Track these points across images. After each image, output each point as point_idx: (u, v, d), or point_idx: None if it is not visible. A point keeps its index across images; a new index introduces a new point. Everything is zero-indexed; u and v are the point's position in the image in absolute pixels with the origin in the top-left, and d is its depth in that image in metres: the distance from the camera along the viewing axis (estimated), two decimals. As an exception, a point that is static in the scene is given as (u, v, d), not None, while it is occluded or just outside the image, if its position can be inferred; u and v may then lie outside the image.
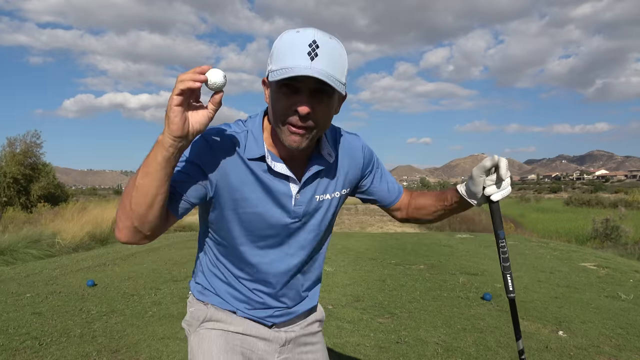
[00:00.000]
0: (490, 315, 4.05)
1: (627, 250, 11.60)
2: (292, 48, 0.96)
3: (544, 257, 7.41)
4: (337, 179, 1.21)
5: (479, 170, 1.15)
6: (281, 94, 0.99)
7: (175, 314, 4.06)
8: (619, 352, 3.22)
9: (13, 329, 3.63)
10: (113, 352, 3.20)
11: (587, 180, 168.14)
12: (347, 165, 1.24)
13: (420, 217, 1.36)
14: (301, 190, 1.14)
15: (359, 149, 1.27)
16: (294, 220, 1.15)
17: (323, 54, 0.95)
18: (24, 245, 7.93)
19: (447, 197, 1.28)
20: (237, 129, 1.11)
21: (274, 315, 1.24)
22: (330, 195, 1.21)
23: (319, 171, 1.16)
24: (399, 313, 4.17)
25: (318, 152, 1.16)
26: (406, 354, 3.18)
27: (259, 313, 1.23)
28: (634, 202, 32.76)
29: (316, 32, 0.97)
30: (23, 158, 20.81)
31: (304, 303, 1.30)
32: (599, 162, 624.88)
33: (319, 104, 1.00)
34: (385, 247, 8.52)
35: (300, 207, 1.14)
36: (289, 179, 1.12)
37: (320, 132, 1.06)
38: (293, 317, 1.28)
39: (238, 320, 1.22)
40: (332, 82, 0.95)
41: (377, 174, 1.34)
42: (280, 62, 0.97)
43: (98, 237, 9.94)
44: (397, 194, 1.37)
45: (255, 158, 1.08)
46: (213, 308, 1.22)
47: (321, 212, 1.20)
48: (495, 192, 1.15)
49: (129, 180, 0.98)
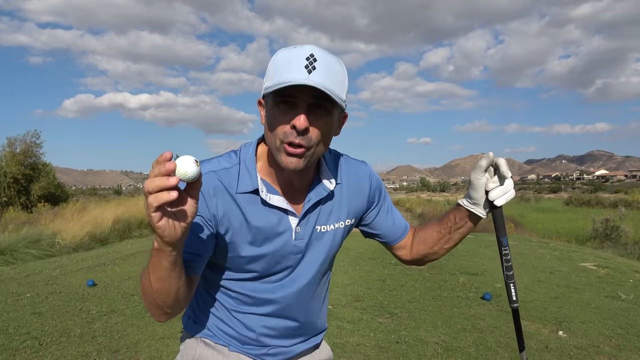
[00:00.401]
0: (490, 315, 4.05)
1: (627, 250, 11.60)
2: (288, 63, 0.91)
3: (544, 257, 7.41)
4: (341, 208, 1.12)
5: (477, 173, 1.06)
6: (278, 110, 0.93)
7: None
8: (618, 352, 3.22)
9: (13, 329, 3.64)
10: (113, 352, 3.20)
11: (587, 180, 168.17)
12: (352, 193, 1.14)
13: (426, 251, 1.21)
14: (301, 223, 1.05)
15: (366, 177, 1.17)
16: (296, 255, 1.07)
17: (321, 67, 0.90)
18: (24, 245, 7.92)
19: (450, 218, 1.15)
20: (227, 163, 1.03)
21: (269, 354, 1.14)
22: (334, 225, 1.11)
23: (320, 200, 1.07)
24: (399, 313, 4.17)
25: (318, 179, 1.08)
26: (406, 354, 3.18)
27: (252, 350, 1.13)
28: (634, 202, 32.76)
29: (314, 47, 0.93)
30: (23, 158, 20.79)
31: (303, 343, 1.19)
32: (599, 162, 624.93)
33: (318, 121, 0.93)
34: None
35: (301, 240, 1.06)
36: (287, 212, 1.04)
37: (319, 152, 0.98)
38: (291, 357, 1.18)
39: (232, 354, 1.13)
40: (331, 93, 0.89)
41: (384, 207, 1.22)
42: (276, 78, 0.90)
43: (98, 237, 9.94)
44: (403, 230, 1.24)
45: (249, 192, 1.01)
46: (203, 344, 1.14)
47: (324, 245, 1.11)
48: (499, 195, 1.05)
49: (142, 278, 0.94)
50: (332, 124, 0.98)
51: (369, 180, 1.18)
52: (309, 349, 1.21)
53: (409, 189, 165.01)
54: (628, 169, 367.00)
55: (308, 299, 1.14)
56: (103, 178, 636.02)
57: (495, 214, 1.09)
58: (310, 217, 1.07)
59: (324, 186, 1.07)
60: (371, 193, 1.18)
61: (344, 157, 1.17)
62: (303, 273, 1.10)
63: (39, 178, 21.49)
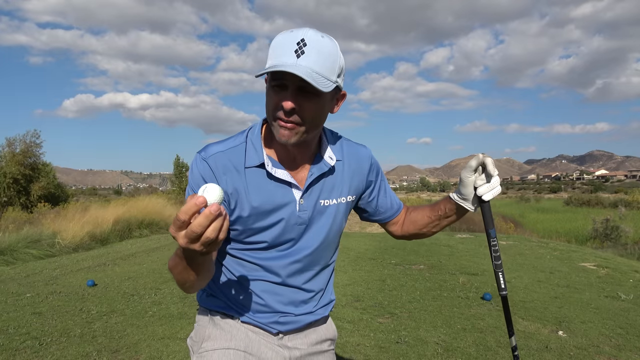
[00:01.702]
0: (490, 315, 4.05)
1: (627, 250, 11.59)
2: (281, 47, 0.99)
3: (544, 257, 7.42)
4: (343, 184, 1.20)
5: (467, 172, 1.18)
6: (271, 91, 1.02)
7: (175, 314, 4.05)
8: (618, 352, 3.22)
9: (13, 329, 3.64)
10: (113, 352, 3.20)
11: (587, 180, 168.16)
12: (353, 171, 1.22)
13: (415, 231, 1.35)
14: (304, 195, 1.13)
15: (366, 158, 1.26)
16: (300, 225, 1.14)
17: (311, 51, 0.97)
18: (24, 245, 7.92)
19: (440, 207, 1.28)
20: (234, 142, 1.13)
21: (279, 322, 1.19)
22: (337, 200, 1.19)
23: (322, 175, 1.15)
24: (399, 313, 4.17)
25: (319, 156, 1.16)
26: (406, 354, 3.18)
27: (263, 318, 1.19)
28: (634, 202, 32.74)
29: (308, 30, 0.99)
30: (23, 158, 20.79)
31: (311, 313, 1.24)
32: (599, 162, 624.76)
33: (307, 101, 1.01)
34: (385, 247, 8.52)
35: (305, 212, 1.14)
36: (291, 184, 1.12)
37: (311, 129, 1.06)
38: (300, 327, 1.23)
39: (241, 332, 1.19)
40: (314, 79, 0.96)
41: (382, 186, 1.33)
42: (270, 61, 1.00)
43: (98, 237, 9.93)
44: (397, 207, 1.36)
45: (255, 166, 1.09)
46: (213, 324, 1.20)
47: (327, 217, 1.18)
48: (486, 191, 1.17)
49: (171, 262, 0.99)
50: (322, 105, 1.05)
51: (369, 161, 1.27)
52: (317, 321, 1.27)
53: (409, 189, 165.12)
54: (628, 169, 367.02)
55: (314, 269, 1.21)
56: (103, 178, 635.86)
57: (484, 208, 1.20)
58: (313, 190, 1.15)
59: (325, 162, 1.15)
60: (370, 173, 1.27)
61: (345, 139, 1.26)
62: (307, 244, 1.17)
63: (39, 178, 21.49)
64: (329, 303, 1.31)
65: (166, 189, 45.77)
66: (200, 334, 1.21)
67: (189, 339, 1.26)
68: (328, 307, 1.30)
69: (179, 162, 36.09)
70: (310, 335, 1.26)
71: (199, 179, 1.08)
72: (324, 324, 1.31)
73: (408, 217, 1.36)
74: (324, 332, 1.30)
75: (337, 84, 1.04)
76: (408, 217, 1.36)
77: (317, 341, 1.27)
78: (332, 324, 1.35)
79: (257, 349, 1.18)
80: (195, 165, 1.09)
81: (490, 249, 1.23)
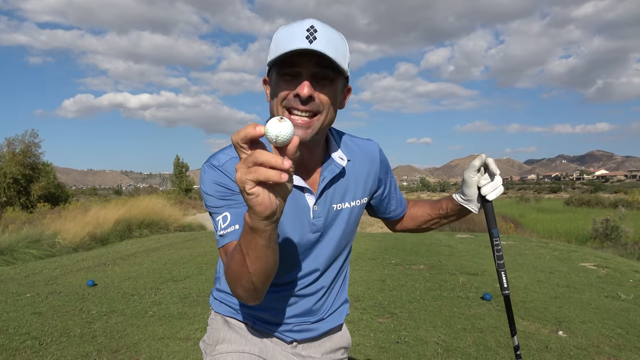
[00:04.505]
0: (490, 315, 4.05)
1: (627, 250, 11.59)
2: (290, 35, 0.92)
3: (544, 257, 7.41)
4: (357, 186, 1.15)
5: (470, 172, 1.16)
6: (281, 81, 0.95)
7: (175, 314, 4.05)
8: (618, 352, 3.22)
9: (13, 329, 3.64)
10: (113, 352, 3.20)
11: (587, 180, 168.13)
12: (364, 171, 1.17)
13: (413, 227, 1.34)
14: (318, 201, 1.07)
15: (376, 154, 1.21)
16: (314, 233, 1.09)
17: (322, 38, 0.91)
18: (24, 245, 7.92)
19: (442, 206, 1.26)
20: None
21: (294, 330, 1.17)
22: (349, 204, 1.14)
23: (334, 177, 1.09)
24: (399, 313, 4.17)
25: (328, 156, 1.10)
26: (406, 354, 3.18)
27: (277, 327, 1.16)
28: (634, 202, 32.74)
29: (314, 20, 0.95)
30: (23, 158, 20.80)
31: (326, 321, 1.21)
32: (599, 162, 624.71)
33: (322, 89, 0.95)
34: (385, 247, 8.51)
35: (319, 219, 1.08)
36: (304, 189, 1.06)
37: (326, 122, 0.99)
38: (315, 336, 1.20)
39: (255, 337, 1.16)
40: (336, 58, 0.91)
41: (392, 183, 1.28)
42: (279, 50, 0.92)
43: (98, 237, 9.94)
44: (404, 207, 1.34)
45: None
46: (227, 327, 1.17)
47: (341, 222, 1.13)
48: (490, 191, 1.16)
49: (230, 266, 0.89)
50: (336, 94, 1.00)
51: (378, 157, 1.21)
52: (333, 329, 1.25)
53: (409, 189, 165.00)
54: (628, 169, 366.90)
55: (327, 275, 1.17)
56: (103, 178, 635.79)
57: (487, 208, 1.20)
58: (326, 195, 1.09)
59: (336, 163, 1.09)
60: (381, 171, 1.23)
61: (350, 135, 1.20)
62: (322, 251, 1.12)
63: (39, 178, 21.49)
64: (342, 306, 1.27)
65: (166, 189, 45.68)
66: (214, 336, 1.18)
67: (201, 342, 1.23)
68: (342, 312, 1.26)
69: (179, 162, 35.99)
70: (325, 344, 1.24)
71: (217, 187, 1.00)
72: (339, 332, 1.29)
73: (408, 213, 1.35)
74: (339, 341, 1.27)
75: (348, 74, 1.00)
76: (408, 213, 1.35)
77: (332, 349, 1.25)
78: (346, 332, 1.32)
79: (271, 355, 1.16)
80: (209, 175, 1.00)
81: (493, 248, 1.23)
